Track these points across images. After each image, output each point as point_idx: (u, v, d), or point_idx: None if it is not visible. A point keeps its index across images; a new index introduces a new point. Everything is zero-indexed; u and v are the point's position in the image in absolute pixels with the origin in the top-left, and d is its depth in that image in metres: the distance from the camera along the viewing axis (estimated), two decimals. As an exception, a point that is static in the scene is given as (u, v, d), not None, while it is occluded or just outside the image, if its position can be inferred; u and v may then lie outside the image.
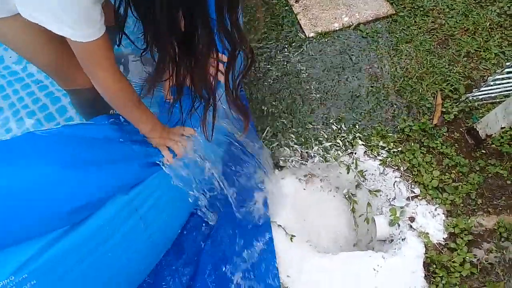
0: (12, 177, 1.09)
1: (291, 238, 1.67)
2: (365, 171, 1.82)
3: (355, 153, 1.86)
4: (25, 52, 1.25)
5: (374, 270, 1.59)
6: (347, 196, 1.85)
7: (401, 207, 1.73)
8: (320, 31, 2.27)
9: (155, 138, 1.28)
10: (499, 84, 1.72)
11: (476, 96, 1.85)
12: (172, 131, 1.33)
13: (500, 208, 1.72)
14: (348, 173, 1.82)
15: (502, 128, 1.66)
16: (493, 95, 1.84)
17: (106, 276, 1.38)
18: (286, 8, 2.41)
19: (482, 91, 1.77)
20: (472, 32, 2.23)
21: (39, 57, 1.28)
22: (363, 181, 1.81)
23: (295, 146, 1.88)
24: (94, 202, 1.17)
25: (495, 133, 1.71)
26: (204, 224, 1.70)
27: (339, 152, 1.87)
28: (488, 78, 1.69)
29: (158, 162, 1.27)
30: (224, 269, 1.63)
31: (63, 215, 1.12)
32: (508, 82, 1.68)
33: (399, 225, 1.70)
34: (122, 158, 1.20)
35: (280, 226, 1.70)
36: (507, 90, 1.72)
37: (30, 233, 1.10)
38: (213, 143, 1.44)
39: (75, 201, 1.12)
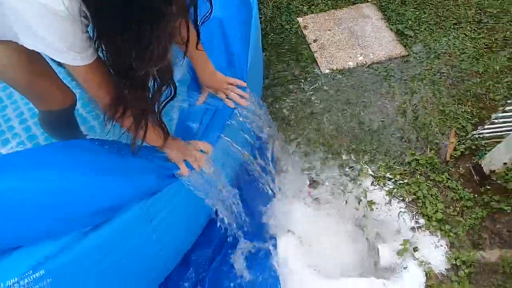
0: (37, 180, 1.18)
1: (300, 241, 1.80)
2: (372, 202, 1.88)
3: (363, 183, 1.93)
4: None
5: (375, 296, 1.64)
6: (353, 224, 1.91)
7: (409, 239, 1.78)
8: (335, 68, 2.41)
9: (170, 153, 1.36)
10: (503, 122, 1.79)
11: (482, 134, 1.92)
12: (189, 145, 1.41)
13: (503, 243, 1.75)
14: (359, 203, 1.89)
15: (504, 164, 1.72)
16: (499, 133, 1.91)
17: (116, 283, 1.46)
18: (305, 46, 2.56)
19: (487, 128, 1.84)
20: (482, 74, 2.33)
21: (12, 77, 1.36)
22: (370, 211, 1.87)
23: (305, 173, 1.98)
24: (111, 208, 1.25)
25: (498, 168, 1.77)
26: (215, 241, 1.78)
27: (347, 181, 1.95)
28: (492, 115, 1.77)
29: (175, 174, 1.37)
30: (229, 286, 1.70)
31: (82, 217, 1.20)
32: (511, 121, 1.75)
33: (403, 255, 1.74)
34: (140, 168, 1.30)
35: (286, 248, 1.77)
36: (511, 128, 1.78)
37: (51, 232, 1.19)
38: (229, 161, 1.55)
39: (94, 204, 1.20)
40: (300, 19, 2.70)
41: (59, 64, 1.18)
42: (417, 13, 2.69)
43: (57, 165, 1.23)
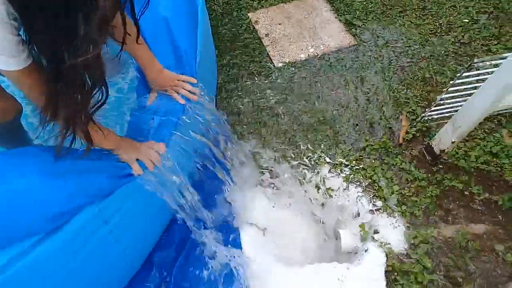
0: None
1: (263, 233, 1.82)
2: (331, 189, 1.92)
3: (321, 171, 1.96)
4: None
5: (339, 280, 1.66)
6: (314, 212, 1.94)
7: (368, 222, 1.82)
8: (287, 61, 2.43)
9: (122, 154, 1.35)
10: (449, 103, 1.86)
11: (430, 115, 1.99)
12: (141, 145, 1.39)
13: (458, 218, 1.82)
14: (318, 191, 1.92)
15: (453, 142, 1.79)
16: (446, 114, 1.98)
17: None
18: (257, 41, 2.57)
19: (434, 110, 1.91)
20: (429, 58, 2.41)
21: None
22: (329, 198, 1.90)
23: (264, 165, 1.99)
24: (64, 213, 1.23)
25: (447, 148, 1.84)
26: (178, 239, 1.77)
27: (305, 170, 1.98)
28: (437, 97, 1.83)
29: (130, 174, 1.35)
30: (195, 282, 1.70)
31: (34, 224, 1.17)
32: (456, 101, 1.82)
33: (363, 238, 1.78)
34: (91, 170, 1.27)
35: (249, 240, 1.78)
36: (456, 108, 1.85)
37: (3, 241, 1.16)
38: (183, 158, 1.54)
39: (46, 210, 1.18)
40: (250, 14, 2.72)
41: None
42: (364, 3, 2.76)
43: (3, 172, 1.20)
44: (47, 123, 1.05)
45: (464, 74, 1.63)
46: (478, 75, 1.65)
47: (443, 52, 2.43)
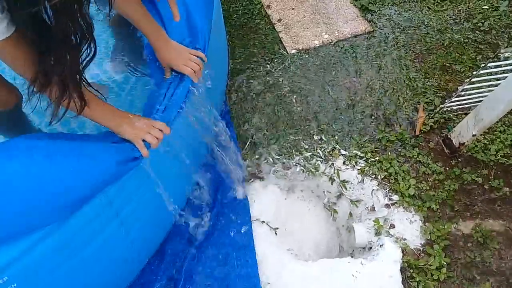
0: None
1: (275, 232, 1.76)
2: (345, 181, 1.86)
3: (335, 163, 1.91)
4: None
5: (353, 276, 1.62)
6: (328, 205, 1.89)
7: (384, 217, 1.77)
8: (301, 48, 2.36)
9: (127, 132, 1.25)
10: (470, 94, 1.79)
11: (449, 106, 1.92)
12: (143, 120, 1.29)
13: (476, 214, 1.76)
14: (332, 184, 1.87)
15: (473, 135, 1.72)
16: (466, 105, 1.91)
17: (86, 283, 1.39)
18: (269, 26, 2.50)
19: (454, 101, 1.84)
20: (447, 46, 2.32)
21: None
22: (344, 190, 1.85)
23: (277, 156, 1.94)
24: (73, 202, 1.17)
25: (467, 141, 1.77)
26: (188, 230, 1.73)
27: (319, 162, 1.92)
28: (459, 88, 1.76)
29: (138, 157, 1.25)
30: (206, 276, 1.66)
31: (44, 213, 1.12)
32: (478, 92, 1.75)
33: (378, 232, 1.73)
34: (98, 155, 1.20)
35: (262, 235, 1.73)
36: (478, 100, 1.78)
37: (11, 232, 1.12)
38: (189, 141, 1.47)
39: (55, 199, 1.12)
40: (263, -1, 2.63)
41: None
42: (380, -13, 2.66)
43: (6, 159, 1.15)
44: (35, 93, 1.01)
45: (490, 65, 1.56)
46: (501, 65, 1.58)
47: (462, 40, 2.35)
